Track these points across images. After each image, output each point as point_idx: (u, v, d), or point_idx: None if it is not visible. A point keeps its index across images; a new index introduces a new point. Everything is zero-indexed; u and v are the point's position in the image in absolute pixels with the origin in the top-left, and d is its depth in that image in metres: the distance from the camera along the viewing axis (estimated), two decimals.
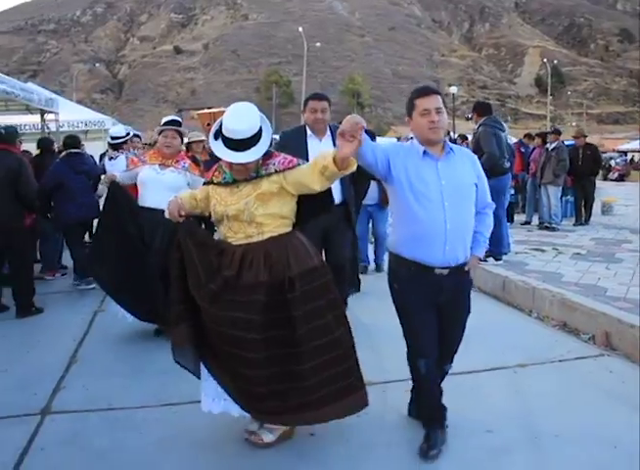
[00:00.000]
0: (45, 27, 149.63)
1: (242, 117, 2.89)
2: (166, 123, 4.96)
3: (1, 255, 5.83)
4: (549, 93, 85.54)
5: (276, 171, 2.94)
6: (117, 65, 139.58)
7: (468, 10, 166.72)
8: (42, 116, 11.76)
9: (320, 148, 4.29)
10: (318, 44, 76.73)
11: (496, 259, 7.15)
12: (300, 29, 57.32)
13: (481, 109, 7.57)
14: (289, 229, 3.03)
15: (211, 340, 3.00)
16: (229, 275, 2.88)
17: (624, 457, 2.94)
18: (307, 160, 4.38)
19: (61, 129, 12.41)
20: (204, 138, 7.54)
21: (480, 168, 3.09)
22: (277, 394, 2.88)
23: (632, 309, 4.92)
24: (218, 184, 3.06)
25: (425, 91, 2.96)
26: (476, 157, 3.14)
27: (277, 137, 5.58)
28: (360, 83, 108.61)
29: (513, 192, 10.91)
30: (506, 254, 7.50)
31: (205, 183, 3.23)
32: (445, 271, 2.93)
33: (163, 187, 4.62)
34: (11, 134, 6.11)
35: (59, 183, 6.56)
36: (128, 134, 8.08)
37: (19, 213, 5.80)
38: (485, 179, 3.11)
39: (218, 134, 2.93)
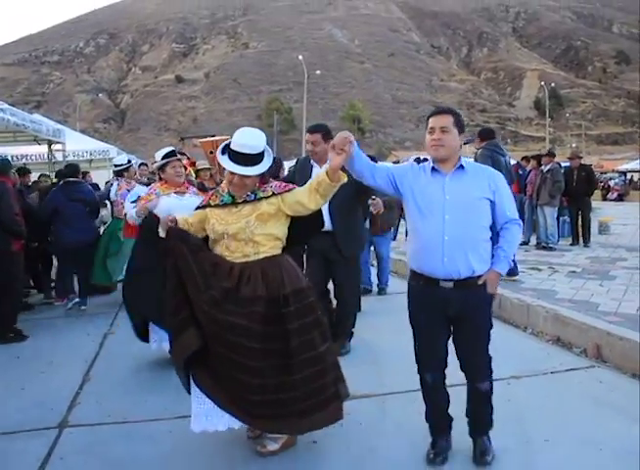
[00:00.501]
0: (49, 59, 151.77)
1: (253, 135, 3.20)
2: (167, 155, 5.18)
3: None
4: (547, 115, 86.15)
5: (274, 194, 3.19)
6: (120, 94, 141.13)
7: (466, 35, 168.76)
8: (49, 146, 12.08)
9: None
10: (318, 72, 77.54)
11: (508, 275, 7.29)
12: (301, 58, 58.03)
13: (484, 134, 7.89)
14: (280, 251, 3.27)
15: (210, 345, 3.12)
16: (228, 287, 3.08)
17: (609, 458, 3.14)
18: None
19: (67, 159, 12.74)
20: (210, 166, 7.82)
21: (500, 185, 3.07)
22: (268, 402, 3.05)
23: (622, 323, 5.12)
24: (216, 206, 3.26)
25: (436, 111, 3.12)
26: (496, 173, 3.14)
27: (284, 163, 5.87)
28: (360, 109, 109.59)
29: None
30: (516, 274, 7.63)
31: (199, 207, 3.40)
32: (450, 284, 2.99)
33: (190, 212, 4.85)
34: (3, 165, 6.41)
35: (54, 210, 7.06)
36: (129, 162, 8.38)
37: (3, 238, 5.97)
38: (508, 196, 3.11)
39: (225, 149, 3.19)
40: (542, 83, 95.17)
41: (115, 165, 8.34)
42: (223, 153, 3.19)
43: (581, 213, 11.36)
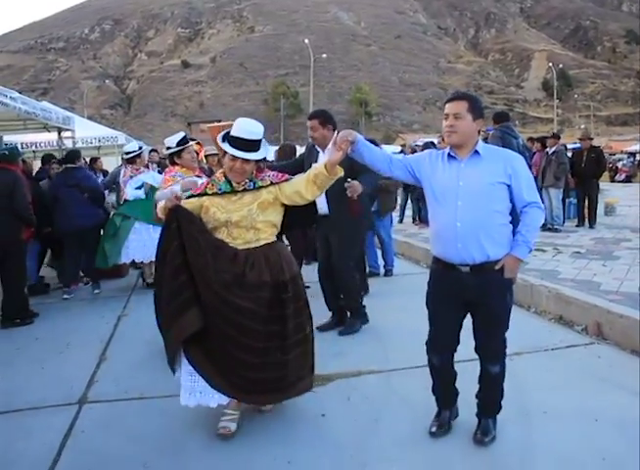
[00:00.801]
0: (54, 46, 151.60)
1: (253, 124, 3.38)
2: (181, 142, 5.49)
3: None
4: (555, 96, 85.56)
5: (272, 183, 3.37)
6: (126, 80, 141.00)
7: (473, 16, 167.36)
8: (59, 133, 12.23)
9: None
10: (324, 55, 77.29)
11: None
12: (307, 41, 57.92)
13: (498, 118, 8.11)
14: (275, 238, 3.48)
15: (214, 324, 3.22)
16: (236, 271, 3.24)
17: (604, 428, 3.29)
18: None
19: (76, 146, 12.91)
20: (217, 152, 8.00)
21: (518, 168, 3.03)
22: (264, 380, 3.26)
23: (622, 301, 5.25)
24: (214, 195, 3.36)
25: (451, 97, 3.17)
26: (514, 157, 3.11)
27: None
28: (367, 92, 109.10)
29: None
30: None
31: (193, 196, 3.44)
32: (467, 269, 3.03)
33: None
34: (12, 154, 6.51)
35: (54, 196, 7.25)
36: (140, 148, 8.52)
37: (16, 227, 6.13)
38: (527, 178, 3.07)
39: (225, 137, 3.34)
40: (550, 64, 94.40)
41: (126, 153, 8.48)
42: (223, 140, 3.33)
43: (588, 195, 11.33)
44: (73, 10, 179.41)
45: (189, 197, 3.46)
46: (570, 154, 12.29)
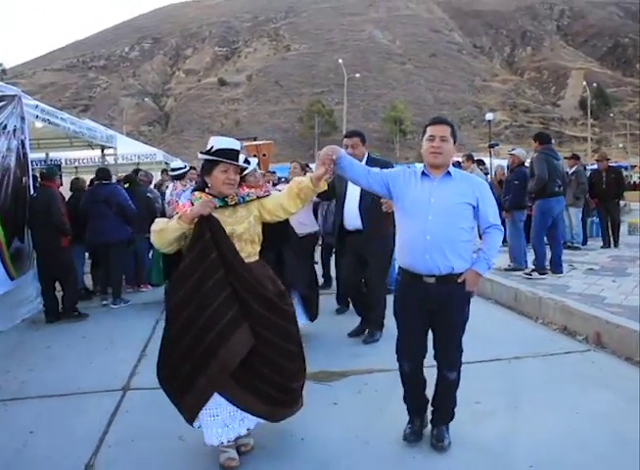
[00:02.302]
0: (96, 64, 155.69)
1: (230, 139, 3.45)
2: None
3: (49, 268, 7.10)
4: (589, 115, 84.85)
5: (258, 197, 3.41)
6: (164, 98, 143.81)
7: (509, 34, 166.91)
8: (102, 151, 13.05)
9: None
10: (358, 75, 78.15)
11: (540, 274, 7.83)
12: (341, 61, 58.73)
13: (541, 138, 8.46)
14: None
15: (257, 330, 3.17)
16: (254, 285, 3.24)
17: (583, 420, 3.72)
18: (347, 187, 5.28)
19: (117, 162, 13.75)
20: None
21: (485, 193, 3.32)
22: (292, 389, 3.33)
23: (622, 313, 5.62)
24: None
25: (435, 120, 3.36)
26: (482, 183, 3.41)
27: None
28: (402, 110, 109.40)
29: None
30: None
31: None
32: (432, 279, 3.24)
33: None
34: (49, 173, 7.47)
35: (85, 211, 7.90)
36: (186, 167, 9.22)
37: (55, 236, 6.98)
38: (491, 203, 3.34)
39: (211, 153, 3.29)
40: (585, 83, 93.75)
41: (172, 169, 9.21)
42: (210, 154, 3.29)
43: (610, 216, 11.41)
44: (114, 29, 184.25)
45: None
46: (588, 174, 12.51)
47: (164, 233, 3.20)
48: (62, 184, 9.56)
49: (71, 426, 3.88)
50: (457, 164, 11.24)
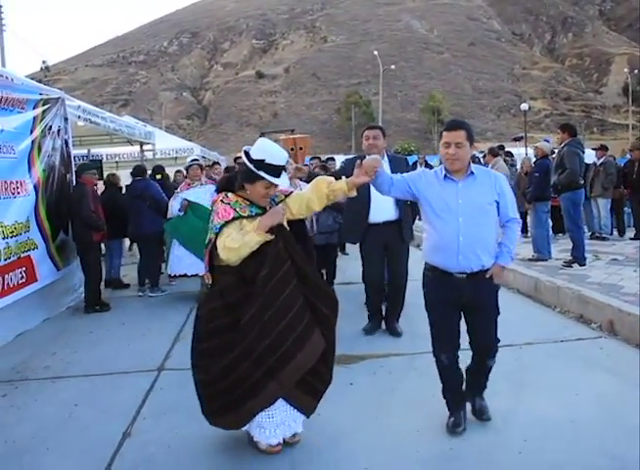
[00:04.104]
0: (135, 59, 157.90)
1: (279, 148, 3.33)
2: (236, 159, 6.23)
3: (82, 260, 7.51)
4: (630, 102, 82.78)
5: (285, 196, 3.43)
6: (202, 91, 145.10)
7: (549, 21, 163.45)
8: (141, 146, 13.58)
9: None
10: (393, 66, 77.70)
11: (580, 265, 8.00)
12: (376, 53, 58.55)
13: (570, 130, 8.60)
14: None
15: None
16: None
17: (581, 401, 3.97)
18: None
19: (155, 157, 14.29)
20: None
21: (504, 187, 3.44)
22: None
23: (636, 302, 5.79)
24: (249, 217, 3.26)
25: (450, 126, 3.40)
26: (500, 176, 3.52)
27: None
28: (440, 100, 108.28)
29: None
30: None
31: (230, 221, 3.23)
32: (463, 276, 3.37)
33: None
34: (80, 168, 7.82)
35: (124, 206, 8.40)
36: (194, 161, 8.47)
37: (86, 231, 7.34)
38: (510, 197, 3.47)
39: (259, 166, 3.18)
40: (626, 70, 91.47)
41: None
42: (258, 169, 3.19)
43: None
44: (153, 24, 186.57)
45: (227, 222, 3.24)
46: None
47: (242, 249, 3.14)
48: (102, 178, 10.11)
49: (111, 401, 4.30)
50: (477, 160, 11.42)
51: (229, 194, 3.34)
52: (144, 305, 7.58)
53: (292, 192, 3.48)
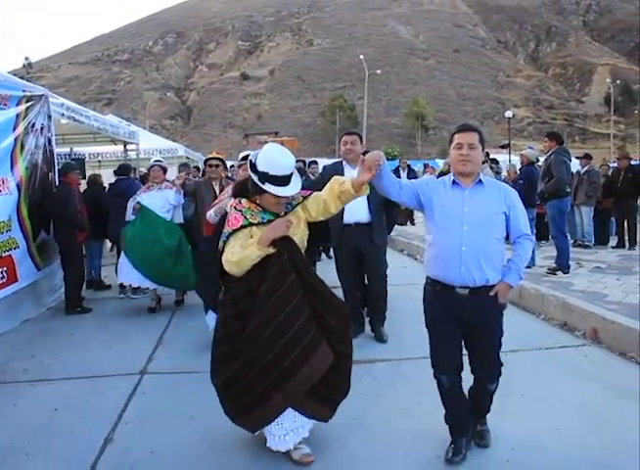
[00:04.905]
0: (120, 58, 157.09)
1: (285, 154, 3.23)
2: (244, 158, 6.07)
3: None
4: (612, 112, 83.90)
5: (303, 198, 3.36)
6: (186, 91, 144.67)
7: (534, 30, 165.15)
8: (125, 146, 13.48)
9: (354, 175, 5.31)
10: (379, 71, 77.85)
11: (564, 273, 8.01)
12: (362, 57, 58.67)
13: (557, 138, 8.61)
14: None
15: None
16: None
17: (566, 409, 3.98)
18: None
19: (139, 156, 14.19)
20: None
21: (515, 201, 3.25)
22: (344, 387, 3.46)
23: (619, 310, 5.83)
24: (259, 224, 3.21)
25: (463, 128, 3.26)
26: (511, 190, 3.31)
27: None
28: (424, 106, 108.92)
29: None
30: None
31: (238, 229, 3.21)
32: (466, 291, 3.16)
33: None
34: (64, 168, 7.69)
35: (107, 205, 8.26)
36: (157, 162, 7.99)
37: (70, 231, 7.26)
38: (522, 211, 3.27)
39: (264, 179, 3.14)
40: (608, 80, 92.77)
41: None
42: (263, 182, 3.14)
43: (625, 216, 11.24)
44: (139, 23, 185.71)
45: (235, 230, 3.22)
46: (609, 172, 12.50)
47: (244, 262, 3.12)
48: (84, 177, 9.97)
49: (92, 405, 4.23)
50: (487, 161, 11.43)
51: (243, 200, 3.31)
52: (125, 307, 7.48)
53: (311, 193, 3.40)
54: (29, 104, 7.01)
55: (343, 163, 5.61)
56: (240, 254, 3.11)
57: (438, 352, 3.33)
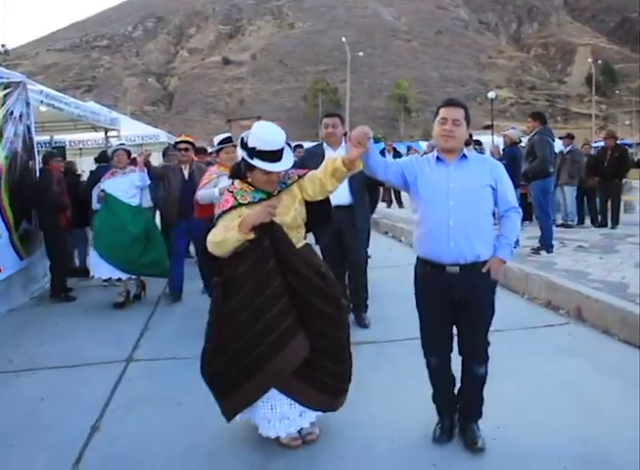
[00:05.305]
0: (99, 44, 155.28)
1: (275, 130, 3.16)
2: (222, 141, 5.93)
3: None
4: (593, 92, 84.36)
5: (299, 177, 3.28)
6: (168, 77, 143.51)
7: (515, 10, 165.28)
8: (106, 133, 13.31)
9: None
10: (361, 53, 77.38)
11: (548, 252, 8.06)
12: (344, 40, 58.08)
13: (541, 118, 8.63)
14: None
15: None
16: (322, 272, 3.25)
17: (552, 386, 4.02)
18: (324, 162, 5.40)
19: (120, 143, 14.01)
20: None
21: (502, 174, 3.17)
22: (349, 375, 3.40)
23: (602, 288, 5.88)
24: (251, 204, 3.15)
25: (449, 102, 3.16)
26: (498, 163, 3.25)
27: None
28: (407, 88, 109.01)
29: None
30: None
31: (227, 210, 3.18)
32: (456, 269, 3.08)
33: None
34: (46, 156, 7.68)
35: (86, 193, 8.00)
36: (120, 146, 7.72)
37: (53, 217, 7.23)
38: (508, 183, 3.20)
39: (252, 154, 3.09)
40: (589, 60, 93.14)
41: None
42: (252, 158, 3.09)
43: (610, 195, 11.18)
44: (117, 8, 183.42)
45: (224, 212, 3.18)
46: (591, 152, 12.58)
47: (225, 244, 3.08)
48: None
49: (78, 394, 4.20)
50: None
51: (236, 181, 3.29)
52: (110, 295, 7.41)
53: (307, 172, 3.32)
54: (7, 91, 6.90)
55: (324, 145, 5.53)
56: (221, 235, 3.08)
57: (428, 335, 3.29)
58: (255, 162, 3.07)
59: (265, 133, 3.12)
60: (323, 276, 3.22)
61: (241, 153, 3.17)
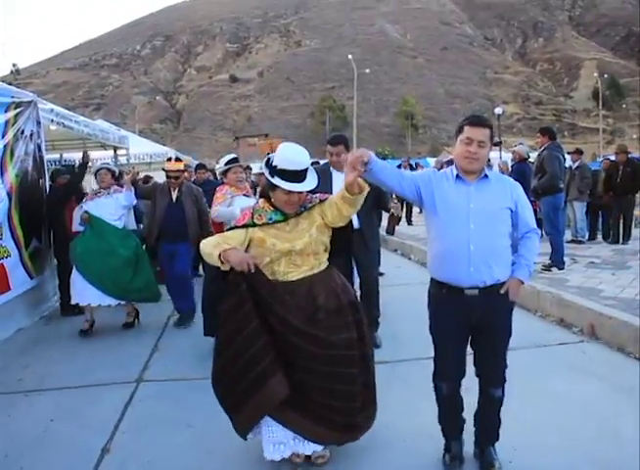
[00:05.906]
0: (108, 62, 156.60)
1: (299, 151, 3.19)
2: (229, 162, 5.90)
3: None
4: (600, 106, 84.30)
5: (320, 201, 3.23)
6: (175, 95, 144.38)
7: (520, 26, 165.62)
8: (115, 151, 13.39)
9: (341, 178, 5.21)
10: (367, 70, 77.72)
11: (559, 269, 7.99)
12: (350, 57, 58.57)
13: (550, 133, 8.61)
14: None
15: (301, 367, 3.11)
16: (319, 305, 3.15)
17: (567, 406, 3.96)
18: (332, 189, 5.40)
19: (130, 162, 14.11)
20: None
21: (521, 195, 3.09)
22: (359, 409, 3.24)
23: (616, 305, 5.82)
24: (265, 225, 3.16)
25: (475, 122, 3.00)
26: (517, 185, 3.14)
27: None
28: (413, 105, 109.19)
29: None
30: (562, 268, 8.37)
31: (237, 227, 3.22)
32: (475, 292, 2.99)
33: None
34: (53, 174, 7.92)
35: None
36: (105, 165, 7.41)
37: (67, 231, 7.22)
38: (528, 205, 3.13)
39: (274, 173, 3.10)
40: (595, 74, 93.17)
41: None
42: (272, 176, 3.10)
43: (623, 211, 11.11)
44: (126, 28, 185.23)
45: (233, 228, 3.25)
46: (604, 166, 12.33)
47: (209, 258, 3.13)
48: None
49: (88, 414, 4.18)
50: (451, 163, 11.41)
51: (261, 200, 3.32)
52: (119, 314, 7.38)
53: (327, 197, 3.26)
54: (18, 110, 6.94)
55: (331, 167, 5.47)
56: (210, 248, 3.12)
57: (442, 361, 3.19)
58: (276, 180, 3.07)
59: (288, 152, 3.16)
60: (328, 310, 3.15)
61: (264, 171, 3.19)
